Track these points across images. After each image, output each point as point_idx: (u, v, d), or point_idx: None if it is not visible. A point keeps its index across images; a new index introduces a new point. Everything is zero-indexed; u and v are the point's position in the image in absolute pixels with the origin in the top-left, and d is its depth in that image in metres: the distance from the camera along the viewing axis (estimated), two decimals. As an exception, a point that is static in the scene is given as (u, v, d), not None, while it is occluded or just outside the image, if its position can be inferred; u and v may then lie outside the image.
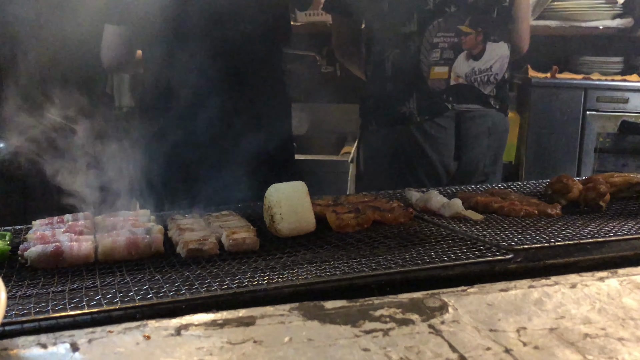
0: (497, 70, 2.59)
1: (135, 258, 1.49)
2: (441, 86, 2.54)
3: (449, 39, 2.50)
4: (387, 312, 0.76)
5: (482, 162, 2.65)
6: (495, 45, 2.56)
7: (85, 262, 1.46)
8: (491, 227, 1.65)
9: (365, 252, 1.45)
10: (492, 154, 2.68)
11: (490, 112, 2.62)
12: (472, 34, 2.51)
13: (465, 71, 2.54)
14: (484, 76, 2.56)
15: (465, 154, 2.60)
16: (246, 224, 1.67)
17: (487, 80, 2.57)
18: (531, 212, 1.78)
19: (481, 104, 2.60)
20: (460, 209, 1.73)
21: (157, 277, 1.34)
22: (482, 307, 0.79)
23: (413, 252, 1.43)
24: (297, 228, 1.64)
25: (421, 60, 2.53)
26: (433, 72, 2.53)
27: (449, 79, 2.54)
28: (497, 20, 2.57)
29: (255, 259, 1.46)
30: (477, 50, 2.53)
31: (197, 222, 1.71)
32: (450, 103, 2.55)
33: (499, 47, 2.57)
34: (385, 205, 1.79)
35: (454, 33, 2.51)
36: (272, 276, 1.29)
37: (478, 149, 2.62)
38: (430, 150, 2.55)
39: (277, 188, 1.67)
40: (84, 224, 1.63)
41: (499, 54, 2.58)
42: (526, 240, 1.49)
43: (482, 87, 2.58)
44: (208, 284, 1.26)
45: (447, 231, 1.62)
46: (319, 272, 1.30)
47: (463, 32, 2.51)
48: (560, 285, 0.88)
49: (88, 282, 1.32)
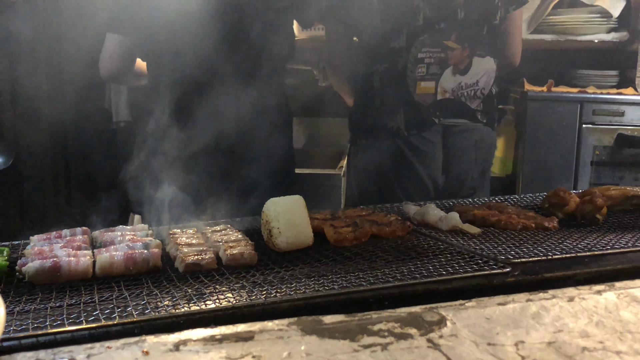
0: (483, 85, 2.61)
1: (134, 273, 1.49)
2: (428, 100, 2.57)
3: (434, 54, 2.53)
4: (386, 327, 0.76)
5: (469, 176, 2.68)
6: (482, 60, 2.58)
7: (83, 277, 1.45)
8: (488, 240, 1.66)
9: (363, 266, 1.45)
10: (479, 167, 2.71)
11: (477, 127, 2.65)
12: (458, 49, 2.54)
13: (452, 86, 2.57)
14: (471, 90, 2.59)
15: (452, 167, 2.63)
16: (244, 238, 1.67)
17: (473, 95, 2.60)
18: (528, 226, 1.79)
19: (468, 119, 2.63)
20: (457, 223, 1.74)
21: (155, 292, 1.34)
22: (480, 321, 0.79)
23: (411, 266, 1.43)
24: (295, 242, 1.64)
25: (407, 75, 2.55)
26: (419, 86, 2.56)
27: (436, 93, 2.57)
28: (484, 36, 2.60)
29: (253, 273, 1.46)
30: (463, 65, 2.56)
31: (195, 236, 1.71)
32: (438, 117, 2.58)
33: (485, 62, 2.60)
34: (383, 219, 1.80)
35: (440, 48, 2.54)
36: (270, 290, 1.29)
37: (465, 163, 2.65)
38: (418, 164, 2.58)
39: (275, 202, 1.68)
40: (82, 239, 1.63)
41: (485, 69, 2.60)
42: (523, 253, 1.50)
43: (469, 102, 2.60)
44: (206, 299, 1.26)
45: (445, 245, 1.62)
46: (317, 287, 1.30)
47: (449, 47, 2.54)
48: (558, 298, 0.89)
49: (86, 297, 1.32)
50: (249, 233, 1.82)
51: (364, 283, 1.31)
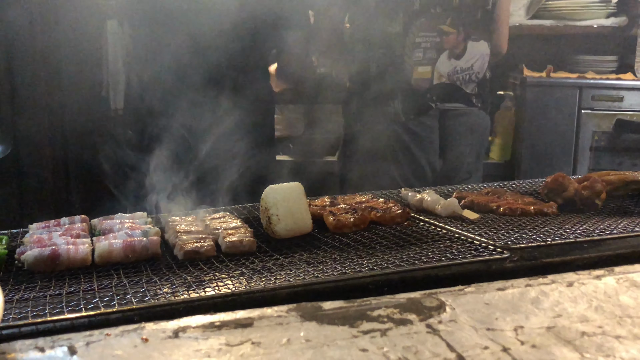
0: (478, 69, 2.62)
1: (132, 261, 1.48)
2: (425, 85, 2.57)
3: (431, 39, 2.53)
4: (385, 312, 0.76)
5: (466, 160, 2.69)
6: (476, 44, 2.59)
7: (82, 265, 1.45)
8: (487, 226, 1.65)
9: (362, 253, 1.45)
10: (475, 151, 2.72)
11: (472, 111, 2.66)
12: (454, 34, 2.54)
13: (448, 70, 2.57)
14: (466, 75, 2.59)
15: (449, 151, 2.64)
16: (243, 225, 1.67)
17: (468, 79, 2.60)
18: (527, 211, 1.78)
19: (464, 102, 2.64)
20: (456, 209, 1.73)
21: (154, 279, 1.33)
22: (480, 307, 0.79)
23: (410, 252, 1.43)
24: (294, 229, 1.64)
25: (405, 60, 2.55)
26: (416, 71, 2.56)
27: (432, 78, 2.57)
28: (478, 20, 2.60)
29: (252, 260, 1.46)
30: (459, 49, 2.56)
31: (194, 223, 1.70)
32: (434, 102, 2.58)
33: (479, 46, 2.60)
34: (382, 205, 1.79)
35: (436, 33, 2.53)
36: (270, 277, 1.29)
37: (462, 146, 2.66)
38: (416, 149, 2.58)
39: (274, 189, 1.67)
40: (81, 227, 1.63)
41: (479, 53, 2.60)
42: (522, 239, 1.49)
43: (464, 86, 2.61)
44: (205, 286, 1.26)
45: (444, 231, 1.62)
46: (316, 273, 1.30)
47: (444, 31, 2.54)
48: (557, 283, 0.88)
49: (85, 285, 1.32)
50: (248, 220, 1.82)
51: (363, 269, 1.31)
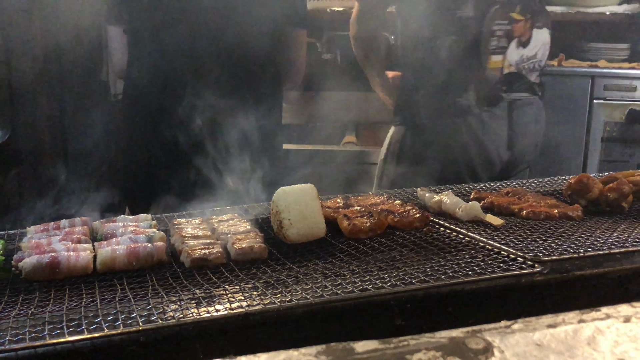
0: (540, 57, 2.52)
1: (137, 268, 1.40)
2: (497, 75, 2.45)
3: (503, 27, 2.41)
4: (426, 357, 0.68)
5: (528, 150, 2.58)
6: (540, 31, 2.48)
7: (84, 273, 1.37)
8: (513, 233, 1.56)
9: (382, 264, 1.36)
10: (536, 141, 2.62)
11: (535, 100, 2.57)
12: (522, 21, 2.42)
13: (516, 59, 2.46)
14: (531, 63, 2.49)
15: (517, 142, 2.53)
16: (253, 229, 1.58)
17: (532, 68, 2.50)
18: (552, 215, 1.69)
19: (529, 92, 2.54)
20: (479, 213, 1.64)
21: (160, 292, 1.25)
22: (531, 348, 0.71)
23: (434, 264, 1.34)
24: (307, 234, 1.56)
25: (481, 49, 2.42)
26: (491, 61, 2.43)
27: (503, 67, 2.46)
28: (540, 6, 2.51)
29: (264, 269, 1.38)
30: (526, 37, 2.45)
31: (201, 227, 1.61)
32: (504, 92, 2.47)
33: (542, 34, 2.50)
34: (400, 208, 1.70)
35: (507, 20, 2.41)
36: (285, 292, 1.21)
37: (528, 137, 2.56)
38: (487, 141, 2.47)
39: (285, 192, 1.58)
40: (81, 231, 1.54)
41: (542, 41, 2.50)
42: (552, 249, 1.41)
43: (528, 75, 2.50)
44: (216, 302, 1.18)
45: (467, 238, 1.53)
46: (334, 288, 1.22)
47: (515, 19, 2.42)
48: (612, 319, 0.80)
49: (87, 298, 1.23)
50: (257, 223, 1.73)
51: (385, 285, 1.22)
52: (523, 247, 1.43)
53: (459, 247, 1.47)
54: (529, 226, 1.63)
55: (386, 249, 1.48)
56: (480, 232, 1.57)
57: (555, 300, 1.29)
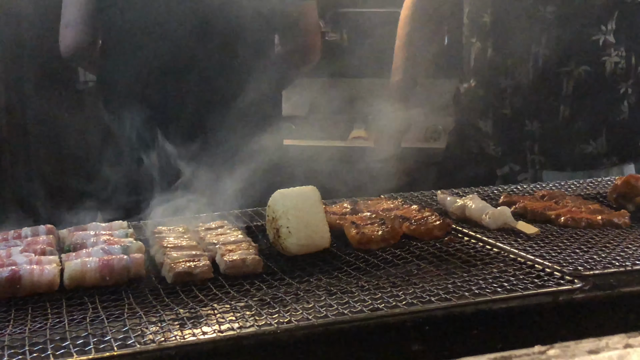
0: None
1: (111, 284, 1.42)
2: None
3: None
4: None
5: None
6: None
7: (49, 290, 1.39)
8: (548, 243, 1.58)
9: (396, 279, 1.38)
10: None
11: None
12: None
13: None
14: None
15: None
16: (245, 239, 1.60)
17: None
18: (594, 222, 1.70)
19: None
20: (509, 220, 1.65)
21: (138, 312, 1.27)
22: (571, 379, 0.71)
23: (456, 279, 1.35)
24: (308, 244, 1.57)
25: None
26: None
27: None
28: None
29: (259, 285, 1.40)
30: None
31: (186, 236, 1.63)
32: None
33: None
34: (417, 214, 1.71)
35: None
36: (282, 312, 1.22)
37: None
38: None
39: (283, 195, 1.60)
40: (47, 241, 1.55)
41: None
42: (595, 262, 1.42)
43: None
44: (203, 323, 1.19)
45: (495, 249, 1.55)
46: (340, 307, 1.23)
47: None
48: (664, 343, 0.81)
49: (53, 319, 1.25)
50: (251, 231, 1.75)
51: (400, 304, 1.23)
52: (561, 259, 1.45)
53: (486, 259, 1.48)
54: (567, 235, 1.64)
55: (401, 262, 1.49)
56: (511, 242, 1.58)
57: (597, 321, 1.29)
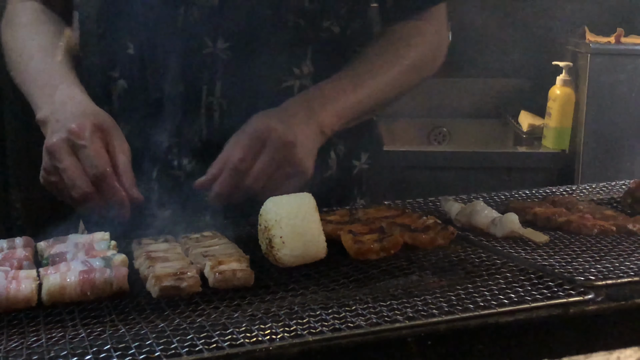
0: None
1: (92, 299, 1.42)
2: None
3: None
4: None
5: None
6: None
7: (26, 306, 1.38)
8: (558, 252, 1.59)
9: (396, 292, 1.39)
10: None
11: None
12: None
13: None
14: None
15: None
16: (236, 250, 1.61)
17: None
18: (607, 229, 1.71)
19: None
20: (516, 228, 1.66)
21: (121, 329, 1.27)
22: (579, 394, 0.71)
23: (460, 291, 1.36)
24: (303, 255, 1.57)
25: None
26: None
27: None
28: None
29: (250, 299, 1.40)
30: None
31: (172, 248, 1.63)
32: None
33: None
34: (418, 222, 1.72)
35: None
36: (275, 328, 1.22)
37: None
38: None
39: (276, 202, 1.60)
40: (23, 255, 1.56)
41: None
42: (608, 272, 1.43)
43: None
44: (190, 340, 1.19)
45: (502, 259, 1.55)
46: (336, 322, 1.23)
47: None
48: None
49: (30, 337, 1.25)
50: (242, 241, 1.75)
51: (400, 317, 1.24)
52: (571, 269, 1.46)
53: (492, 269, 1.49)
54: (578, 243, 1.65)
55: (402, 273, 1.50)
56: (519, 251, 1.59)
57: (611, 334, 1.29)
